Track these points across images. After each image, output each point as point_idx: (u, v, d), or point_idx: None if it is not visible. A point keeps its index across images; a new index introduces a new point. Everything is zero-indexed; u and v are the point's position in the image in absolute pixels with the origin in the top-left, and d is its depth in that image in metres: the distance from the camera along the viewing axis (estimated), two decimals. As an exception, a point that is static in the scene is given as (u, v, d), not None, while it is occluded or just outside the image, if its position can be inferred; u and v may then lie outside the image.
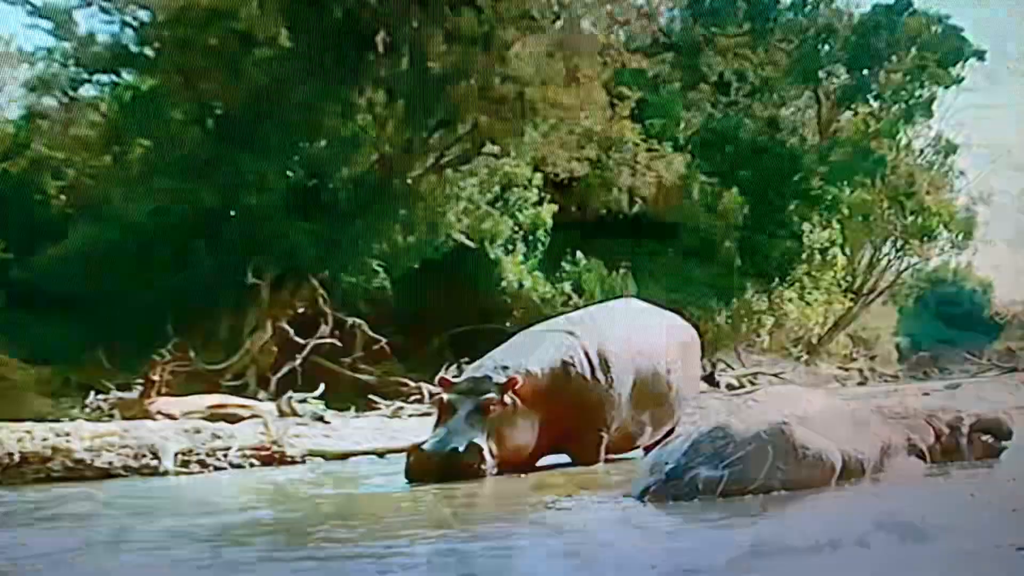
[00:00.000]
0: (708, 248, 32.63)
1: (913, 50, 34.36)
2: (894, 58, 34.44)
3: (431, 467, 11.15)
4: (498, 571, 6.57)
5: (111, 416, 20.34)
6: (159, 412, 19.95)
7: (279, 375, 26.24)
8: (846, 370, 38.09)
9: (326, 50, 24.29)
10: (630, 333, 13.06)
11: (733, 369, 34.62)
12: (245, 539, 8.10)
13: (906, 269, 40.10)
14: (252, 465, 14.03)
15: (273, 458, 14.29)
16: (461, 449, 11.21)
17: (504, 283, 29.02)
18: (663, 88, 31.85)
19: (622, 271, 30.72)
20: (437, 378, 12.68)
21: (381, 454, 14.55)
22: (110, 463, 13.35)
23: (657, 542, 7.36)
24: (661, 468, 8.76)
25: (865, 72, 34.74)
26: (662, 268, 32.35)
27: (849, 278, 37.55)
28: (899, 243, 37.84)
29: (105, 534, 8.67)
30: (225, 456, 14.09)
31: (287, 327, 26.81)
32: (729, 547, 6.79)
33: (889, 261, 39.08)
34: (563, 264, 30.43)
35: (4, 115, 26.45)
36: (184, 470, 13.55)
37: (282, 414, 21.58)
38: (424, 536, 7.89)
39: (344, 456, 14.82)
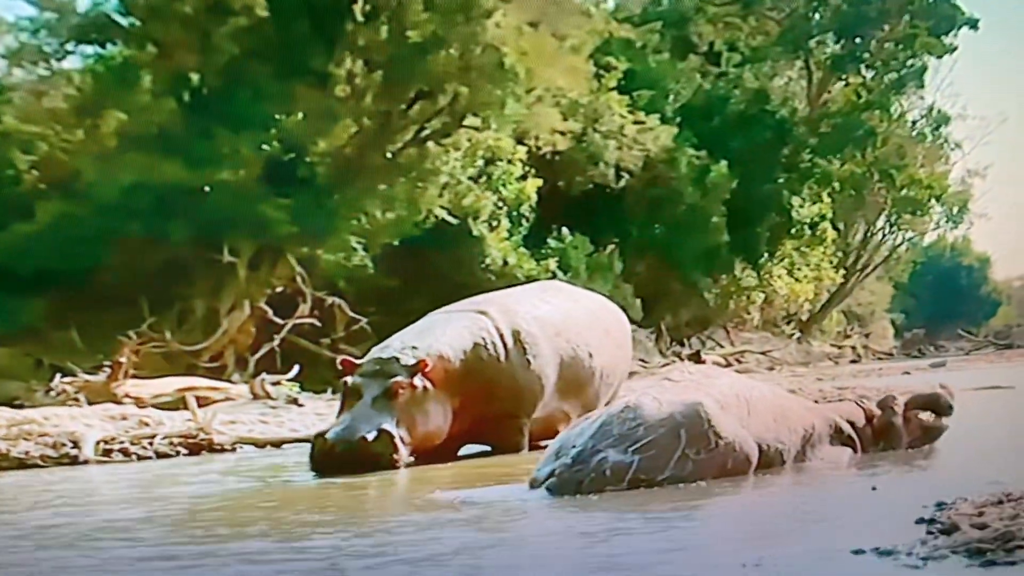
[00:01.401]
0: (695, 223, 32.01)
1: (905, 18, 33.83)
2: (886, 27, 33.89)
3: (337, 457, 10.23)
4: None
5: (76, 400, 19.58)
6: (127, 395, 19.27)
7: (257, 356, 25.71)
8: (839, 348, 37.62)
9: (303, 19, 23.61)
10: (548, 314, 12.10)
11: (722, 347, 34.15)
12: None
13: (900, 244, 39.62)
14: (178, 454, 13.16)
15: (201, 446, 13.41)
16: (370, 438, 10.28)
17: (488, 260, 28.46)
18: (652, 58, 31.21)
19: (609, 247, 30.17)
20: (339, 359, 11.38)
21: None
22: (27, 452, 12.59)
23: (553, 533, 6.75)
24: (567, 452, 7.97)
25: (856, 41, 34.20)
26: (648, 244, 31.80)
27: (841, 253, 37.07)
28: (892, 217, 37.31)
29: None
30: (151, 444, 13.22)
31: (265, 307, 26.28)
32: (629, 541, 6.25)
33: (883, 236, 38.58)
34: (548, 241, 29.88)
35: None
36: (105, 459, 12.70)
37: (255, 396, 21.02)
38: (288, 534, 7.13)
39: (278, 444, 13.80)
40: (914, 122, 37.81)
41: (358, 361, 11.05)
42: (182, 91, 23.92)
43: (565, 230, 29.98)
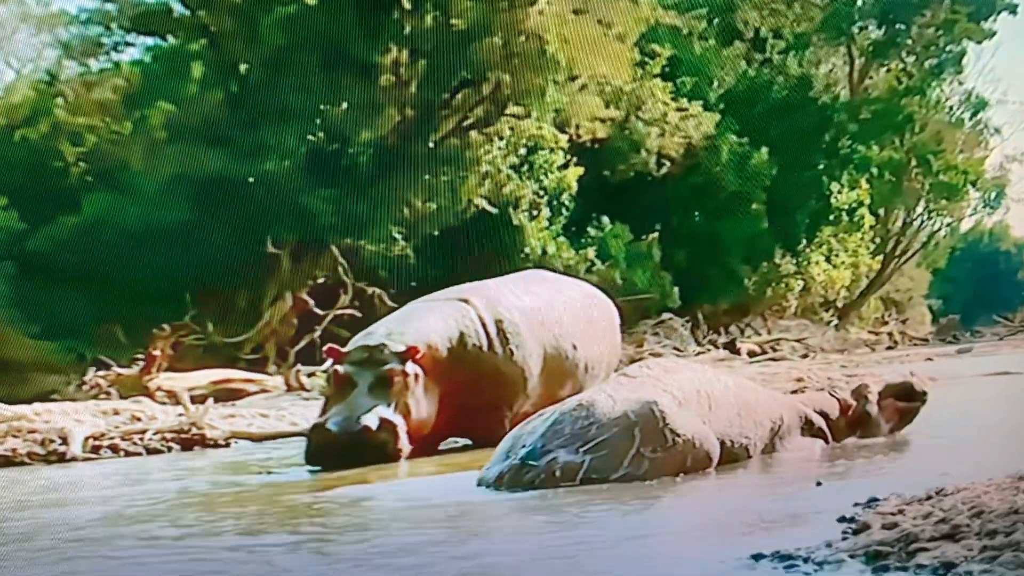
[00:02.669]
0: (736, 210, 31.88)
1: (945, 4, 33.76)
2: (927, 13, 33.82)
3: (339, 449, 9.95)
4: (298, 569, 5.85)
5: (108, 393, 19.40)
6: (159, 388, 19.24)
7: (297, 348, 25.65)
8: (876, 334, 37.47)
9: (350, 8, 23.49)
10: (531, 305, 11.85)
11: (759, 335, 34.00)
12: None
13: (939, 230, 39.51)
14: (170, 449, 12.84)
15: (193, 441, 13.08)
16: (375, 427, 10.05)
17: (527, 249, 28.31)
18: (698, 45, 31.10)
19: (649, 236, 30.05)
20: (325, 348, 11.08)
21: None
22: (13, 450, 12.31)
23: (497, 535, 6.63)
24: (517, 451, 7.80)
25: (898, 27, 34.12)
26: (688, 232, 31.68)
27: (879, 240, 36.97)
28: (929, 203, 37.23)
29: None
30: (141, 440, 12.91)
31: (307, 298, 26.19)
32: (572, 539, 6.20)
33: (922, 222, 38.49)
34: (588, 229, 29.75)
35: (29, 78, 25.72)
36: (94, 456, 12.39)
37: (290, 388, 20.92)
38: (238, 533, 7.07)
39: (272, 437, 13.45)
40: (952, 108, 37.67)
41: (344, 350, 10.73)
42: (230, 82, 23.85)
43: (605, 218, 29.79)
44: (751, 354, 31.60)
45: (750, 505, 6.99)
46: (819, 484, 7.36)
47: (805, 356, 32.20)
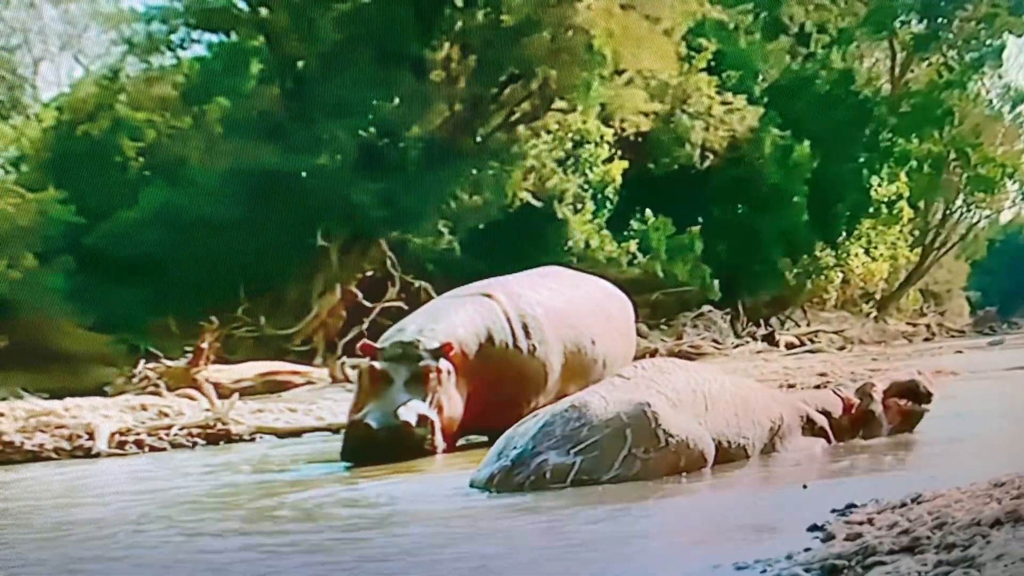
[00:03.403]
0: (777, 203, 32.04)
1: (986, -3, 33.93)
2: (968, 6, 33.91)
3: (378, 444, 9.93)
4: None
5: (156, 386, 19.49)
6: (207, 380, 19.15)
7: (345, 340, 25.86)
8: (914, 326, 37.63)
9: (404, 4, 23.75)
10: (551, 300, 11.81)
11: (798, 326, 34.18)
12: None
13: (977, 222, 39.62)
14: (195, 445, 12.86)
15: (219, 436, 13.12)
16: (414, 422, 10.08)
17: (571, 243, 28.51)
18: (744, 39, 31.27)
19: (692, 228, 30.26)
20: (359, 344, 11.01)
21: (336, 430, 12.72)
22: (41, 445, 12.39)
23: (484, 537, 6.54)
24: (508, 453, 7.76)
25: (939, 21, 34.24)
26: (730, 224, 31.85)
27: (917, 232, 37.11)
28: (967, 196, 37.34)
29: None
30: (167, 435, 12.97)
31: (355, 290, 26.43)
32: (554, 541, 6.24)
33: (961, 215, 38.60)
34: (631, 222, 29.93)
35: (96, 74, 26.07)
36: (119, 451, 12.41)
37: (335, 380, 20.99)
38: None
39: (296, 432, 13.44)
40: (991, 101, 37.80)
41: (379, 346, 10.64)
42: (286, 78, 24.14)
43: (648, 211, 29.98)
44: (789, 346, 31.72)
45: (731, 511, 6.90)
46: (805, 487, 7.25)
47: (842, 348, 32.28)
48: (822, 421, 9.09)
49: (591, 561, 5.55)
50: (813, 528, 5.46)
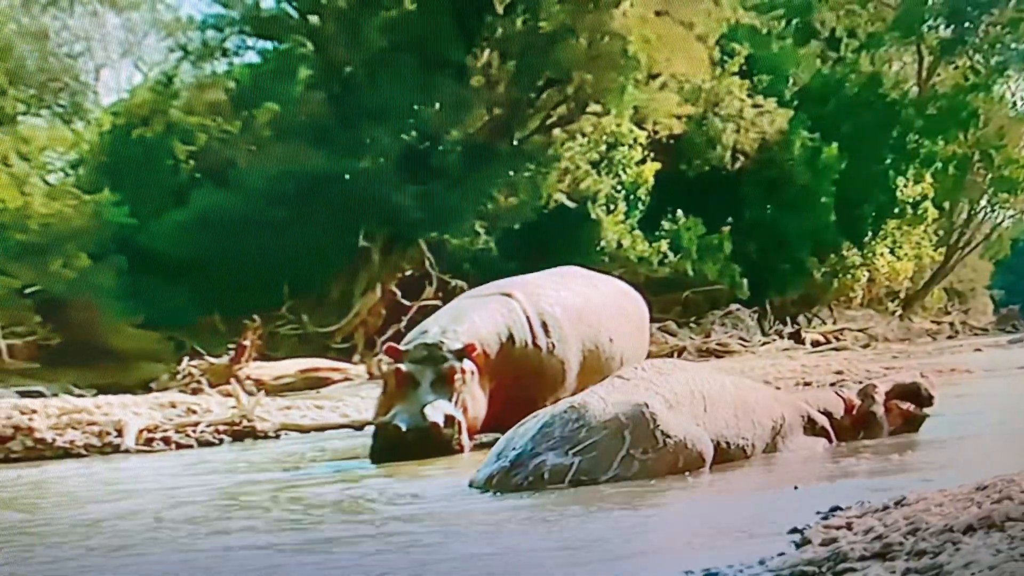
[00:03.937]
0: (806, 204, 32.57)
1: (1012, 2, 34.33)
2: (994, 11, 34.39)
3: (406, 445, 10.04)
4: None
5: (199, 383, 19.98)
6: (248, 377, 19.75)
7: (385, 337, 26.36)
8: (938, 324, 38.09)
9: (447, 11, 24.33)
10: (570, 299, 11.85)
11: (824, 324, 34.63)
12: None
13: (1001, 222, 40.09)
14: (221, 441, 12.96)
15: (244, 433, 13.23)
16: (442, 423, 10.18)
17: (603, 243, 29.03)
18: (775, 44, 31.81)
19: (723, 229, 30.79)
20: (384, 347, 11.23)
21: (359, 427, 12.99)
22: (71, 442, 12.48)
23: (484, 540, 6.53)
24: (507, 454, 7.79)
25: (966, 25, 34.72)
26: (759, 224, 32.37)
27: (942, 232, 37.57)
28: (991, 197, 37.83)
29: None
30: (194, 432, 13.10)
31: (395, 289, 26.98)
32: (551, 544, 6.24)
33: (985, 215, 39.08)
34: (662, 222, 30.46)
35: (153, 80, 26.72)
36: (146, 448, 12.54)
37: (371, 376, 21.25)
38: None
39: (320, 429, 13.53)
40: (1016, 103, 38.25)
41: (403, 348, 10.69)
42: (333, 83, 24.72)
43: (680, 212, 30.51)
44: (815, 344, 32.10)
45: (719, 513, 6.87)
46: (796, 488, 7.28)
47: (867, 346, 32.66)
48: (823, 421, 9.13)
49: (589, 561, 5.57)
50: (793, 531, 5.44)
